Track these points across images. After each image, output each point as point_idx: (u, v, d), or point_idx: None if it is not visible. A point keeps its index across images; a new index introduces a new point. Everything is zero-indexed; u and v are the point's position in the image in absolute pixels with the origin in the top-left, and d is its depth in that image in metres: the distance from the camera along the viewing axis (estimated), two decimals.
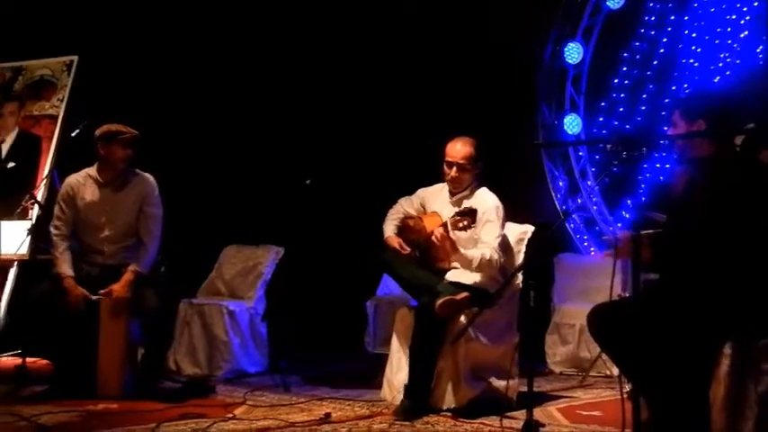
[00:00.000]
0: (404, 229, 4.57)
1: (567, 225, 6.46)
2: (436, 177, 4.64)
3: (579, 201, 6.64)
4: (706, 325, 3.09)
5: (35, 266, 5.39)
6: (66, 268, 4.59)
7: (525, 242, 4.60)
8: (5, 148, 6.49)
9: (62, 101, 6.36)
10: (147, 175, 4.79)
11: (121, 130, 4.66)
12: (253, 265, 5.82)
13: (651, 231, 3.27)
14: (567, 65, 6.67)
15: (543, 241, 4.59)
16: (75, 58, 6.42)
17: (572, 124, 6.64)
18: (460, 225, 4.19)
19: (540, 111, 6.64)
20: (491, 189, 4.52)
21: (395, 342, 4.48)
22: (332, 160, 6.63)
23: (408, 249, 4.43)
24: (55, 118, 6.33)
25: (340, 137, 6.78)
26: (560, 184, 6.64)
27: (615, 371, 5.24)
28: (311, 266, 6.39)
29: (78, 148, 5.16)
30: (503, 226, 4.44)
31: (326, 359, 6.10)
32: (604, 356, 5.21)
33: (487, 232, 4.36)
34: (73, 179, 4.77)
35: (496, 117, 6.22)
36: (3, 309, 6.02)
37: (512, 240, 4.59)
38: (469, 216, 4.18)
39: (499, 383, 4.27)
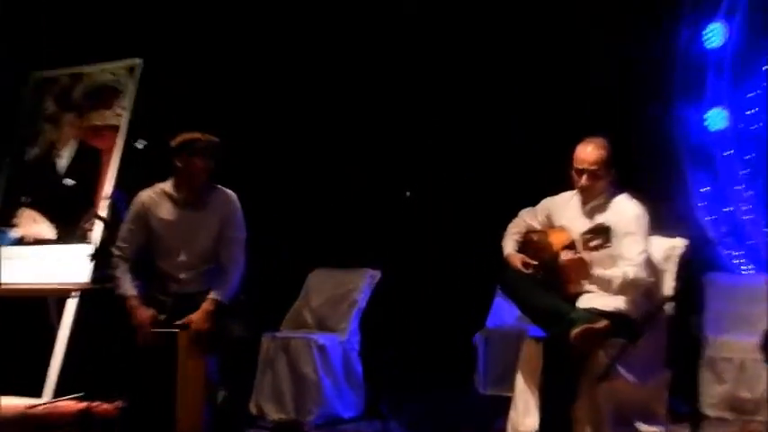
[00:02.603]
0: (526, 246, 4.47)
1: (713, 239, 6.21)
2: (562, 185, 4.52)
3: (727, 210, 6.37)
4: None
5: (100, 296, 5.46)
6: (128, 288, 4.62)
7: (676, 260, 4.43)
8: (64, 163, 6.62)
9: (125, 109, 6.46)
10: (230, 192, 4.79)
11: (201, 138, 4.69)
12: (344, 291, 5.82)
13: None
14: (707, 50, 6.41)
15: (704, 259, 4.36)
16: (139, 61, 6.54)
17: (716, 119, 6.39)
18: (591, 245, 4.10)
19: (677, 105, 6.39)
20: None
21: (520, 381, 4.38)
22: (436, 168, 6.62)
23: (533, 267, 4.31)
24: (117, 128, 6.42)
25: (446, 140, 6.77)
26: (704, 190, 6.38)
27: None
28: (411, 292, 6.34)
29: (144, 161, 5.20)
30: (646, 239, 4.26)
31: (430, 401, 6.04)
32: None
33: (629, 247, 4.22)
34: (146, 195, 4.79)
35: (627, 115, 6.11)
36: (63, 346, 6.10)
37: (658, 258, 4.41)
38: (603, 234, 4.07)
39: (648, 429, 4.15)
